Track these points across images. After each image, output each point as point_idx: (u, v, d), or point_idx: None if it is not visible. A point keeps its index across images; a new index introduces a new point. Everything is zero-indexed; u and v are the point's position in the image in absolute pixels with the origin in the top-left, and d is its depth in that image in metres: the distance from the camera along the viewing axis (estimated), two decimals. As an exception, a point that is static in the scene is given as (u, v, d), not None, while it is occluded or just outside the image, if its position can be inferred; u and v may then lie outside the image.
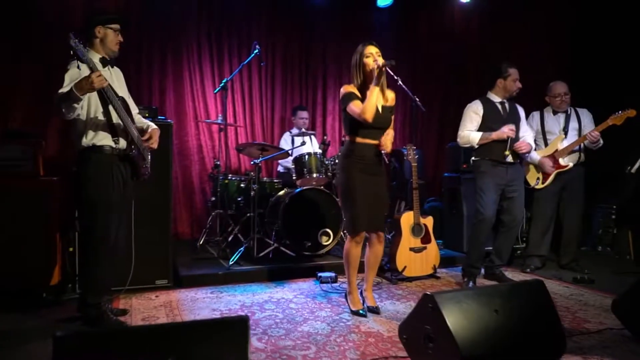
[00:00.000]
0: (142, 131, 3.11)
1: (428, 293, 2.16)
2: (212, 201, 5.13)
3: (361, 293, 3.43)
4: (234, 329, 1.74)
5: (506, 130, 3.84)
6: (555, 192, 4.44)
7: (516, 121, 4.01)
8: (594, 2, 5.86)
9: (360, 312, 3.22)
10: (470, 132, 3.98)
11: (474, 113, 4.02)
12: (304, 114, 5.61)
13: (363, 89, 3.16)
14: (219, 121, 4.99)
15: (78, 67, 2.74)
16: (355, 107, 3.07)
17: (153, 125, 3.19)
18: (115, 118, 2.89)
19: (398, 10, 6.31)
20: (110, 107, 2.87)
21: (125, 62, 4.99)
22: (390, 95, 3.29)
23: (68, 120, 2.80)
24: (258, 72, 5.87)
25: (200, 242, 4.91)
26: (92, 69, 2.70)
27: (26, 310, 3.29)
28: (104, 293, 3.03)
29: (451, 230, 5.11)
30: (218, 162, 5.05)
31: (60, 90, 2.71)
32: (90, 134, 2.87)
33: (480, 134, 3.93)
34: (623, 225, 5.13)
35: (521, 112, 4.14)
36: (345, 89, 3.17)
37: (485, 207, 3.88)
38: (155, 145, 3.12)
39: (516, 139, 3.96)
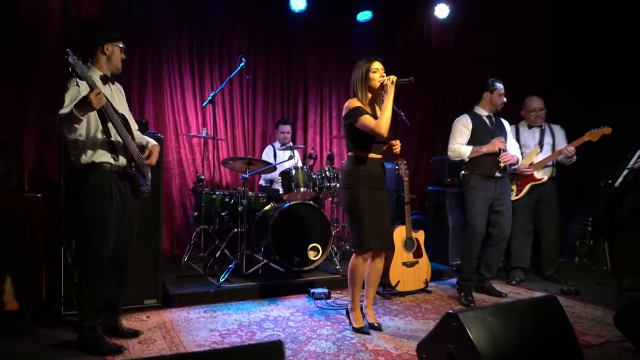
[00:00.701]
0: (142, 147, 3.01)
1: (451, 312, 2.16)
2: (195, 216, 5.00)
3: (361, 309, 3.41)
4: (270, 355, 1.68)
5: (497, 143, 3.91)
6: (530, 205, 4.56)
7: (503, 135, 4.09)
8: (569, 19, 6.08)
9: (364, 329, 3.20)
10: (461, 145, 4.03)
11: (463, 127, 4.08)
12: (286, 128, 5.56)
13: (370, 103, 3.17)
14: (204, 134, 4.89)
15: (77, 85, 2.63)
16: (367, 121, 3.05)
17: (153, 142, 3.10)
18: (114, 135, 2.80)
19: (376, 24, 6.40)
20: (110, 125, 2.77)
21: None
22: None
23: (67, 137, 2.69)
24: (239, 85, 5.81)
25: (185, 259, 4.77)
26: (91, 86, 2.59)
27: (17, 332, 3.12)
28: (99, 315, 2.89)
29: (436, 243, 5.16)
30: (202, 177, 4.94)
31: (60, 111, 2.62)
32: (90, 151, 2.77)
33: (470, 147, 3.99)
34: (599, 236, 5.32)
35: (506, 125, 4.23)
36: (352, 103, 3.15)
37: (475, 221, 3.94)
38: (154, 162, 3.03)
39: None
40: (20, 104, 4.50)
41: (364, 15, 6.22)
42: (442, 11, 6.35)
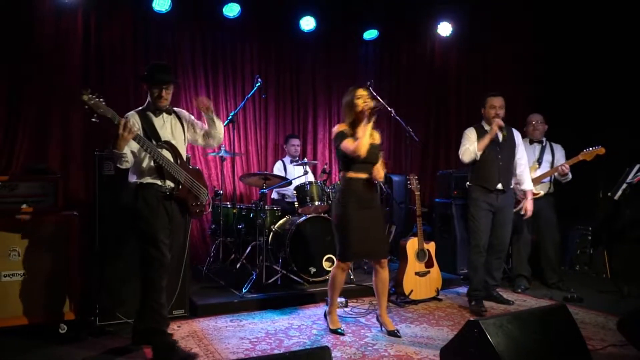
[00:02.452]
0: (188, 170, 3.21)
1: (472, 319, 2.38)
2: (213, 229, 5.22)
3: (377, 318, 3.65)
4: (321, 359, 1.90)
5: (495, 127, 4.07)
6: (529, 218, 4.73)
7: (512, 146, 4.26)
8: (564, 40, 6.36)
9: (339, 330, 3.51)
10: (468, 146, 4.20)
11: (469, 134, 4.28)
12: (296, 141, 5.82)
13: (353, 127, 3.45)
14: (223, 153, 5.10)
15: (117, 120, 2.85)
16: (348, 144, 3.37)
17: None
18: (160, 160, 3.02)
19: (382, 42, 6.69)
20: (153, 152, 3.00)
21: (125, 92, 5.12)
22: (376, 135, 3.58)
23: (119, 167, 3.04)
24: (252, 103, 6.04)
25: (205, 271, 4.98)
26: (112, 119, 2.82)
27: (59, 344, 3.32)
28: (165, 319, 3.10)
29: (444, 253, 5.37)
30: (220, 191, 5.16)
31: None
32: (141, 173, 3.05)
33: (475, 143, 4.17)
34: (599, 245, 5.56)
35: (517, 136, 4.34)
36: (337, 128, 3.49)
37: (479, 235, 4.18)
38: (208, 105, 3.27)
39: (511, 162, 4.24)
40: (44, 128, 4.77)
41: (370, 34, 6.50)
42: (445, 29, 6.64)
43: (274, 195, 5.91)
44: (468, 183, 4.33)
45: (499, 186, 4.16)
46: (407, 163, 6.81)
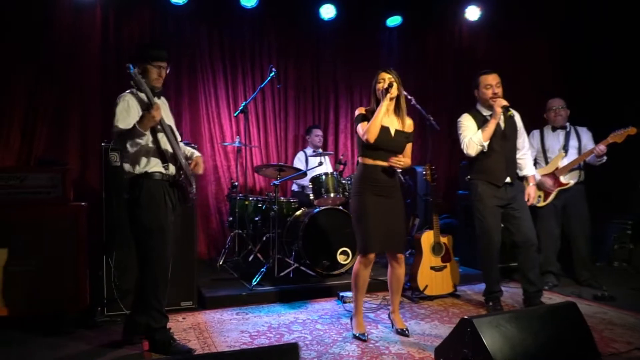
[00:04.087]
0: (187, 158, 3.17)
1: (466, 318, 2.21)
2: (230, 221, 5.19)
3: (389, 316, 3.49)
4: (286, 357, 1.79)
5: (498, 109, 3.63)
6: (558, 210, 4.48)
7: (514, 130, 3.83)
8: (596, 22, 5.96)
9: (362, 337, 3.22)
10: (471, 136, 3.72)
11: (467, 122, 3.84)
12: (319, 132, 5.72)
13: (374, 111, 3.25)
14: (237, 143, 5.06)
15: (127, 101, 2.84)
16: (360, 127, 3.20)
17: (197, 153, 3.28)
18: (164, 145, 2.97)
19: (406, 29, 6.44)
20: (160, 135, 2.94)
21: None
22: (408, 121, 3.35)
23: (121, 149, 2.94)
24: (271, 94, 5.96)
25: (220, 263, 4.95)
26: (150, 100, 2.81)
27: (64, 333, 3.35)
28: (165, 316, 3.07)
29: (467, 247, 5.15)
30: (236, 183, 5.12)
31: (118, 127, 2.82)
32: (143, 161, 2.93)
33: (479, 131, 3.69)
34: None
35: (517, 120, 3.86)
36: (358, 111, 3.31)
37: (487, 232, 3.76)
38: (201, 171, 3.20)
39: (515, 150, 3.84)
40: (64, 121, 4.85)
41: (394, 21, 6.28)
42: (473, 13, 6.34)
43: (294, 187, 5.83)
44: (469, 177, 3.89)
45: (507, 179, 3.74)
46: (433, 154, 6.62)
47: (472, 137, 3.69)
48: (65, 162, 4.07)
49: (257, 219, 5.03)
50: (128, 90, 2.98)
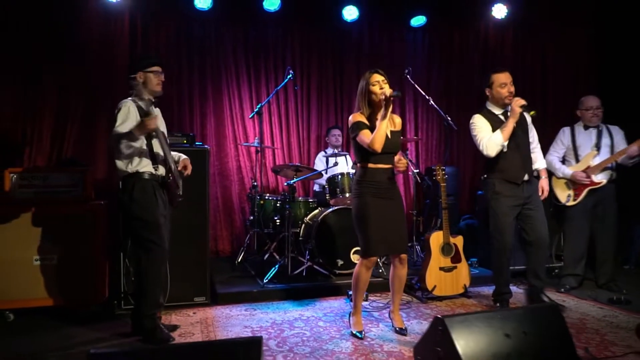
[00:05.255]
0: (175, 162, 3.37)
1: (439, 316, 2.23)
2: (250, 220, 5.34)
3: (389, 315, 3.53)
4: (249, 350, 1.88)
5: (517, 108, 3.55)
6: (587, 210, 4.35)
7: (525, 127, 3.77)
8: (626, 20, 5.72)
9: (359, 335, 3.27)
10: (489, 136, 3.65)
11: (481, 123, 3.75)
12: (337, 132, 5.78)
13: (370, 116, 3.24)
14: (256, 144, 5.20)
15: (129, 107, 3.07)
16: (364, 137, 3.15)
17: (183, 156, 3.48)
18: (156, 149, 3.18)
19: (431, 28, 6.39)
20: (154, 141, 3.16)
21: (169, 89, 5.37)
22: (397, 120, 3.36)
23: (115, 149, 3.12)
24: (294, 95, 6.08)
25: (239, 260, 5.11)
26: (147, 111, 3.02)
27: (80, 324, 3.57)
28: (158, 305, 3.26)
29: (484, 248, 5.08)
30: (255, 183, 5.26)
31: (117, 129, 3.04)
32: (136, 160, 3.14)
33: (498, 130, 3.62)
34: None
35: (525, 114, 3.77)
36: (354, 117, 3.25)
37: (501, 233, 3.71)
38: (189, 172, 3.40)
39: (529, 147, 3.78)
40: (92, 123, 5.13)
41: (418, 20, 6.23)
42: (500, 11, 6.23)
43: (316, 187, 5.92)
44: (485, 175, 3.84)
45: (526, 177, 3.71)
46: (458, 153, 6.55)
47: (492, 138, 3.63)
48: (85, 162, 4.33)
49: (276, 218, 5.15)
50: (130, 97, 3.18)
